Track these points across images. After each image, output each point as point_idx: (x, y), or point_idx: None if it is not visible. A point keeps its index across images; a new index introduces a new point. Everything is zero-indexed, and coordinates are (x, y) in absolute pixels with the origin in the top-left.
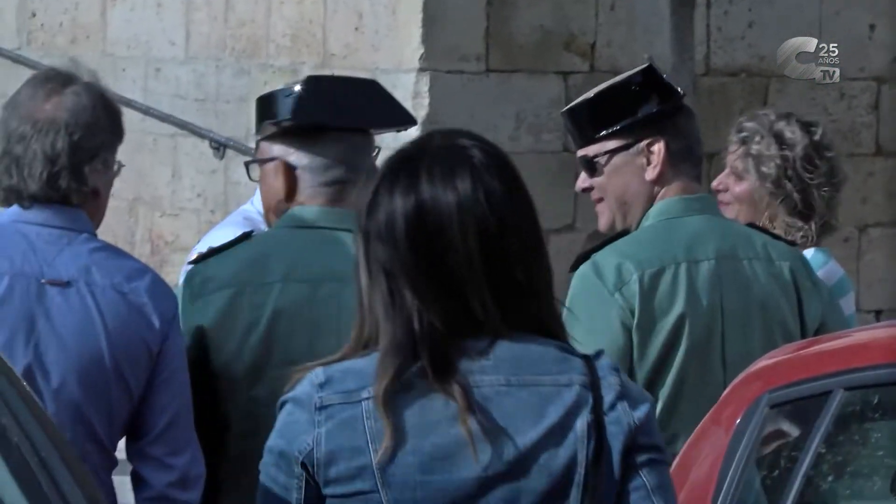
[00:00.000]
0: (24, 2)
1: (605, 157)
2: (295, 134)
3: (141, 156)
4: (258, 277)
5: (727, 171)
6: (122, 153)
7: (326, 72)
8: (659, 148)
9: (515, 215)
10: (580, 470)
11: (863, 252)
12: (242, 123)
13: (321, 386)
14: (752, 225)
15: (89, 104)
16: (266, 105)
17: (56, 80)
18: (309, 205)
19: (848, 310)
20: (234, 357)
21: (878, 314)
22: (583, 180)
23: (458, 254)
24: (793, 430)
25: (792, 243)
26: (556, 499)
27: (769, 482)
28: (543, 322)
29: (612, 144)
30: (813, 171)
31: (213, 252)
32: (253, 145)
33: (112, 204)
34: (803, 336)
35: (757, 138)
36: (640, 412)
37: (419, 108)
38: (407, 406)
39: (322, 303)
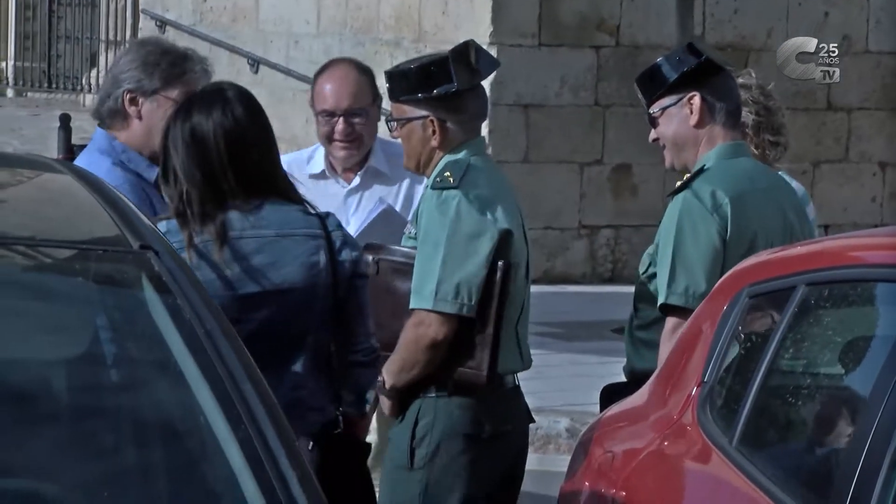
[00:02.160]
0: None
1: (660, 112)
2: (442, 98)
3: (283, 105)
4: (502, 190)
5: None
6: (268, 103)
7: (421, 45)
8: (696, 100)
9: (253, 128)
10: (323, 287)
11: (816, 181)
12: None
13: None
14: None
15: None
16: (413, 77)
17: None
18: (471, 141)
19: (811, 214)
20: (519, 249)
21: (826, 228)
22: (652, 133)
23: (212, 153)
24: (766, 316)
25: None
26: (308, 305)
27: (747, 354)
28: (284, 192)
29: (664, 101)
30: (771, 98)
31: (461, 176)
32: None
33: None
34: None
35: None
36: (357, 253)
37: None
38: (207, 247)
39: (519, 202)
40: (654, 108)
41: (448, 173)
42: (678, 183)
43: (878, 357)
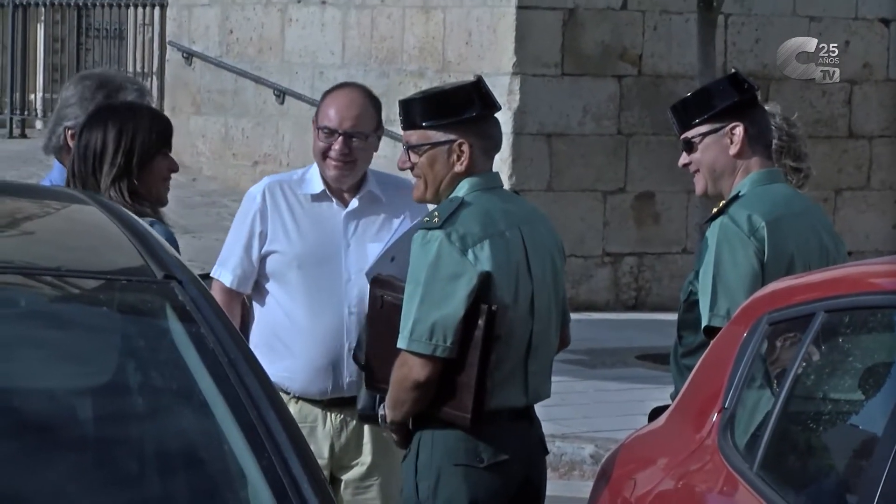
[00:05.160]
0: (224, 22)
1: (700, 138)
2: (473, 121)
3: (308, 135)
4: (495, 228)
5: None
6: (293, 133)
7: (445, 75)
8: (739, 131)
9: (117, 138)
10: None
11: (838, 209)
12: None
13: None
14: None
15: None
16: (444, 102)
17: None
18: (484, 172)
19: None
20: (510, 289)
21: (850, 254)
22: (683, 158)
23: (107, 156)
24: (785, 342)
25: None
26: None
27: (767, 380)
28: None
29: (704, 129)
30: (794, 126)
31: (448, 216)
32: (388, 129)
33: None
34: None
35: None
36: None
37: (512, 101)
38: None
39: (537, 235)
40: (693, 134)
41: (436, 213)
42: (714, 210)
43: None
